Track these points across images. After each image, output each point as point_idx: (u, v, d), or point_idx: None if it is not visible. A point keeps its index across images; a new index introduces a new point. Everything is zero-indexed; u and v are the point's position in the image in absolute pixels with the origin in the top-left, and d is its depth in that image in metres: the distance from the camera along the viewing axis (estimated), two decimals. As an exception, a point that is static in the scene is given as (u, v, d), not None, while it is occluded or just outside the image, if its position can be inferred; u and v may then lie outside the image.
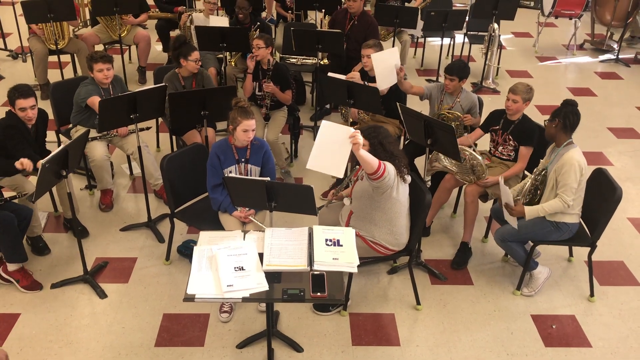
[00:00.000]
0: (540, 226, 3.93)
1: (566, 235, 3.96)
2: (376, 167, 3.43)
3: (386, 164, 3.50)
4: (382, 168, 3.46)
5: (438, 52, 7.26)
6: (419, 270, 4.33)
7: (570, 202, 3.80)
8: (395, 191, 3.62)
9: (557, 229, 3.92)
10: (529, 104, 4.37)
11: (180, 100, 4.50)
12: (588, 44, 8.80)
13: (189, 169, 4.20)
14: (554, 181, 3.86)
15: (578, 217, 3.94)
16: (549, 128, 3.91)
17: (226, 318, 3.85)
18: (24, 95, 4.08)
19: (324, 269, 3.03)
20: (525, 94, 4.32)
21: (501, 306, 4.06)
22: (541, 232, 3.94)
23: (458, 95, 4.78)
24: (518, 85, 4.35)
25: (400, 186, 3.65)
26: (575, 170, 3.77)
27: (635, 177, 5.60)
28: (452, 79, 4.68)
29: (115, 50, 7.00)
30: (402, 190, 3.67)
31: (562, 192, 3.81)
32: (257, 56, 5.16)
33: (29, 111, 4.11)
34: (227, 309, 3.89)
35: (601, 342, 3.79)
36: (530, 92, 4.35)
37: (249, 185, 3.59)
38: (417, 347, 3.72)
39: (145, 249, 4.50)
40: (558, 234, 3.94)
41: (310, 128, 6.22)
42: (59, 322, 3.82)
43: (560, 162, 3.82)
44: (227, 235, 3.33)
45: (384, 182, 3.52)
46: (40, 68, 6.48)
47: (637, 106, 6.99)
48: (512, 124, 4.42)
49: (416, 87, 5.01)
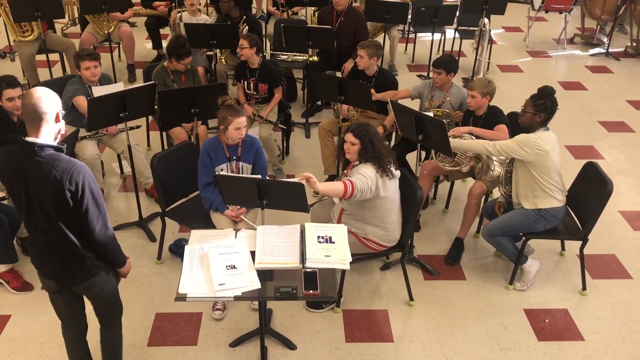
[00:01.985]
0: (524, 216, 3.93)
1: (553, 222, 3.94)
2: (343, 192, 3.46)
3: (352, 182, 3.48)
4: (348, 189, 3.47)
5: (429, 47, 7.26)
6: (412, 266, 4.33)
7: (489, 151, 3.88)
8: (383, 190, 3.61)
9: (542, 217, 3.91)
10: (490, 98, 4.35)
11: (170, 98, 4.48)
12: (578, 38, 8.82)
13: (179, 168, 4.18)
14: None
15: (560, 202, 3.91)
16: (530, 120, 3.86)
17: (219, 315, 3.84)
18: (12, 85, 4.11)
19: (316, 266, 3.02)
20: (483, 88, 4.31)
21: (494, 301, 4.06)
22: (526, 221, 3.93)
23: (448, 90, 4.78)
24: (475, 81, 4.38)
25: (388, 183, 3.64)
26: (524, 139, 3.76)
27: (626, 170, 5.62)
28: (440, 72, 4.68)
29: (105, 48, 6.95)
30: (390, 187, 3.67)
31: (497, 143, 3.85)
32: (242, 55, 5.14)
33: (16, 100, 4.11)
34: (220, 306, 3.87)
35: (594, 335, 3.81)
36: (489, 86, 4.33)
37: (240, 183, 3.57)
38: (411, 343, 3.72)
39: (137, 248, 4.47)
40: (544, 223, 3.92)
41: (301, 125, 6.20)
42: (51, 324, 3.79)
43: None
44: (219, 233, 3.31)
45: (360, 196, 3.53)
46: (29, 70, 6.46)
47: (627, 99, 7.02)
48: (480, 119, 4.44)
49: (401, 91, 5.01)
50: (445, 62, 4.70)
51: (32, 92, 2.56)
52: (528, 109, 3.85)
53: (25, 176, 2.57)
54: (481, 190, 4.33)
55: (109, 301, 3.02)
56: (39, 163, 2.54)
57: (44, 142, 2.56)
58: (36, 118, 2.53)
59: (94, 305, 3.03)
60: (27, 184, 2.58)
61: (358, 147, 3.63)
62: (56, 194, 2.56)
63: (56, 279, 2.81)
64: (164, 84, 5.06)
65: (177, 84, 5.12)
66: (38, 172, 2.55)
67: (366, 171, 3.56)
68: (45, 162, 2.54)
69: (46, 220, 2.64)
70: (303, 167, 5.59)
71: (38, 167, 2.54)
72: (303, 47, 5.92)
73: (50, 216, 2.62)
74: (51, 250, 2.73)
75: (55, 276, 2.81)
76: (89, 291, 2.90)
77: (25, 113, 2.56)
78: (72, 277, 2.80)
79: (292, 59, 6.42)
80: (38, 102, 2.52)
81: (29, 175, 2.56)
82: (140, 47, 7.75)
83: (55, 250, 2.73)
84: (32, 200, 2.60)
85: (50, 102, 2.57)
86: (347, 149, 3.69)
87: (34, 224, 2.70)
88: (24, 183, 2.58)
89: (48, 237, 2.69)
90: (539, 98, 3.84)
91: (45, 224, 2.65)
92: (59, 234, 2.67)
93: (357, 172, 3.58)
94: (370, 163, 3.61)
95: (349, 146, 3.67)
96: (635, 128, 6.40)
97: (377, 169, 3.58)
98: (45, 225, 2.66)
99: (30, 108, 2.52)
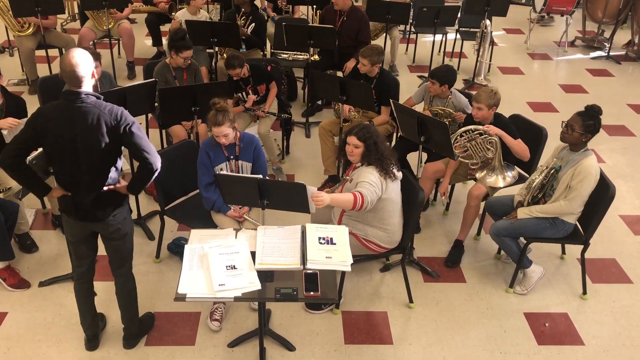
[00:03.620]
0: (537, 222, 3.91)
1: (562, 234, 3.94)
2: (353, 205, 3.45)
3: (362, 194, 3.46)
4: (358, 202, 3.45)
5: (430, 48, 7.24)
6: (412, 268, 4.31)
7: (576, 211, 3.82)
8: (385, 193, 3.59)
9: (554, 226, 3.90)
10: (495, 109, 4.23)
11: (171, 96, 4.45)
12: (579, 40, 8.81)
13: (179, 166, 4.15)
14: (566, 185, 3.79)
15: (576, 219, 3.93)
16: (576, 139, 3.76)
17: (217, 327, 3.75)
18: None
19: (317, 267, 3.00)
20: (489, 100, 4.16)
21: (494, 304, 4.04)
22: (537, 227, 3.92)
23: (447, 97, 4.74)
24: (480, 93, 4.20)
25: (390, 185, 3.61)
26: (591, 181, 3.73)
27: (627, 175, 5.61)
28: (433, 83, 4.65)
29: (104, 44, 6.91)
30: (392, 189, 3.64)
31: (571, 199, 3.77)
32: (236, 77, 5.07)
33: None
34: (218, 317, 3.77)
35: (594, 340, 3.79)
36: (494, 97, 4.18)
37: (241, 183, 3.55)
38: (410, 345, 3.70)
39: (135, 246, 4.35)
40: (553, 231, 3.92)
41: (301, 124, 6.18)
42: (47, 321, 3.76)
43: (579, 169, 3.73)
44: (219, 233, 3.28)
45: (369, 207, 3.51)
46: (28, 65, 6.45)
47: (628, 103, 7.01)
48: None
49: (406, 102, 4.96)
50: (440, 73, 4.64)
51: (69, 58, 2.90)
52: (577, 128, 3.73)
53: (73, 122, 2.93)
54: (480, 192, 4.31)
55: (128, 242, 3.41)
56: (86, 108, 2.94)
57: (87, 90, 2.96)
58: (75, 80, 2.92)
59: (115, 248, 3.36)
60: (74, 130, 2.94)
61: (362, 150, 3.59)
62: (104, 134, 2.96)
63: (90, 214, 3.16)
64: (165, 80, 5.02)
65: (179, 81, 5.08)
66: (86, 117, 2.94)
67: (372, 178, 3.52)
68: (92, 106, 2.95)
69: (88, 162, 3.01)
70: (303, 167, 5.56)
71: (86, 112, 2.94)
72: (304, 47, 5.89)
73: (94, 156, 3.01)
74: (88, 189, 3.10)
75: (88, 212, 3.16)
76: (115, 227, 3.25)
77: (64, 75, 2.93)
78: (105, 209, 3.17)
79: (293, 57, 6.39)
80: (75, 69, 2.89)
81: (77, 120, 2.93)
82: (141, 44, 7.71)
83: (92, 188, 3.10)
84: (79, 144, 2.97)
85: (85, 67, 2.93)
86: (350, 151, 3.65)
87: (74, 169, 3.03)
88: (71, 129, 2.94)
89: (90, 175, 3.06)
90: (589, 118, 3.73)
91: (86, 167, 3.03)
92: (101, 172, 3.08)
93: (362, 179, 3.54)
94: (373, 166, 3.58)
95: (352, 149, 3.63)
96: (635, 132, 6.39)
97: (380, 172, 3.56)
98: (85, 168, 3.03)
99: (69, 73, 2.90)
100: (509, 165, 4.32)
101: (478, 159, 4.29)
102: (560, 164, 3.88)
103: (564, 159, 3.87)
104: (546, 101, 6.95)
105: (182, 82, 5.10)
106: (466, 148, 4.29)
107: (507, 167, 4.30)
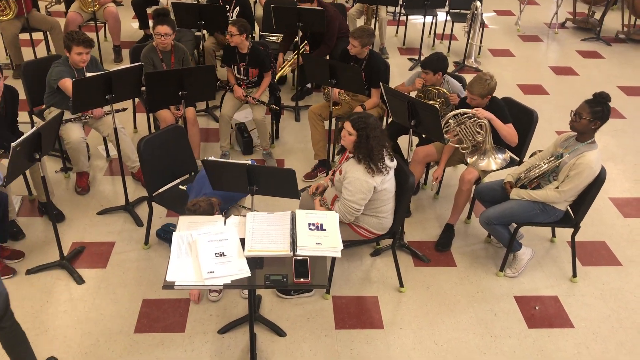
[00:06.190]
0: (528, 208, 3.90)
1: (552, 219, 3.94)
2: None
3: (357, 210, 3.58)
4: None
5: (420, 30, 7.18)
6: (402, 252, 4.30)
7: (569, 201, 3.82)
8: (380, 184, 3.57)
9: (544, 212, 3.89)
10: (490, 96, 4.19)
11: (158, 80, 4.37)
12: (570, 22, 8.77)
13: (167, 151, 4.09)
14: (566, 174, 3.77)
15: (567, 206, 3.93)
16: (585, 126, 3.71)
17: (216, 297, 3.78)
18: None
19: (307, 254, 2.97)
20: (482, 90, 4.10)
21: (484, 288, 4.05)
22: (528, 214, 3.91)
23: (441, 85, 4.70)
24: (473, 84, 4.13)
25: (384, 177, 3.59)
26: (589, 176, 3.70)
27: (617, 157, 5.61)
28: (427, 73, 4.63)
29: (90, 27, 6.79)
30: (386, 179, 3.61)
31: (566, 190, 3.75)
32: (232, 42, 5.03)
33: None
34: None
35: (583, 322, 3.81)
36: (488, 87, 4.10)
37: (229, 169, 3.50)
38: (401, 329, 3.70)
39: (124, 233, 4.40)
40: (544, 217, 3.92)
41: (291, 108, 6.12)
42: (35, 309, 3.73)
43: (580, 160, 3.69)
44: (208, 220, 3.24)
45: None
46: (12, 49, 6.31)
47: (618, 85, 7.00)
48: None
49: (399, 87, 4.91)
50: (432, 62, 4.60)
51: None
52: (585, 115, 3.68)
53: None
54: (473, 177, 4.29)
55: None
56: None
57: None
58: None
59: None
60: None
61: (354, 139, 3.56)
62: None
63: None
64: (152, 64, 4.95)
65: (167, 65, 5.01)
66: None
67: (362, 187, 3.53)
68: None
69: None
70: (293, 152, 5.52)
71: None
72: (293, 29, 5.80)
73: None
74: None
75: None
76: None
77: None
78: None
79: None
80: None
81: None
82: (127, 27, 7.60)
83: None
84: None
85: None
86: (344, 136, 3.62)
87: None
88: None
89: None
90: (596, 104, 3.67)
91: None
92: None
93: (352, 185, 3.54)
94: (362, 165, 3.54)
95: (346, 134, 3.59)
96: (626, 114, 6.39)
97: (369, 170, 3.52)
98: None
99: None
100: (499, 148, 4.30)
101: (468, 143, 4.26)
102: (564, 152, 3.84)
103: (569, 148, 3.82)
104: (537, 83, 6.92)
105: (170, 65, 5.02)
106: (456, 132, 4.26)
107: (498, 149, 4.28)
